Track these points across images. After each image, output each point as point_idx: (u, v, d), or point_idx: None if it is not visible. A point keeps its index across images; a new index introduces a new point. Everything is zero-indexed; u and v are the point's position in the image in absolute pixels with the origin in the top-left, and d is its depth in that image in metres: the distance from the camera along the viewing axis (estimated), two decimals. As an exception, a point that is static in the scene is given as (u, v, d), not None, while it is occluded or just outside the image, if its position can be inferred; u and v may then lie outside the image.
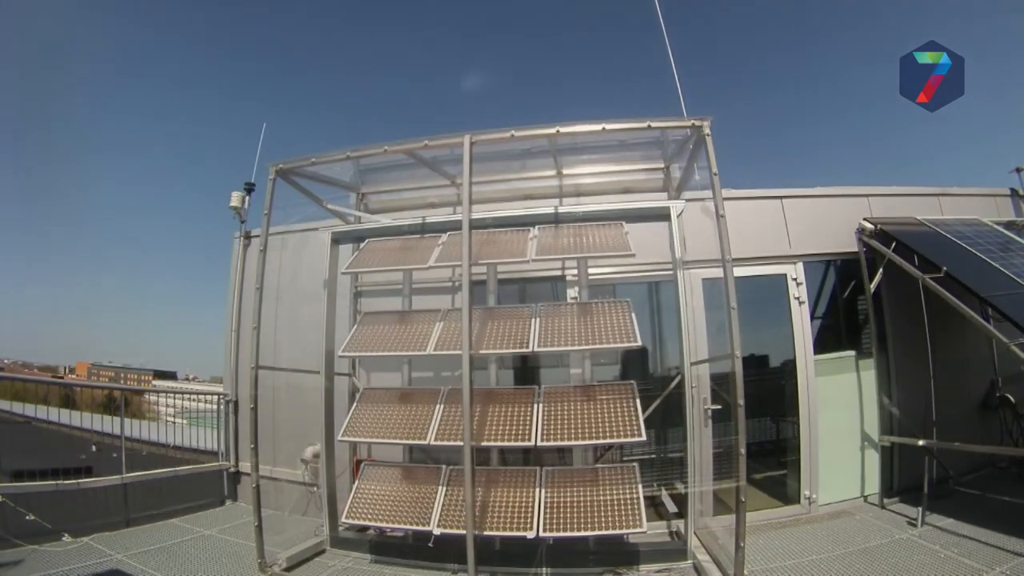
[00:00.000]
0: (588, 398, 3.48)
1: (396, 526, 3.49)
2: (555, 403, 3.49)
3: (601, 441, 3.26)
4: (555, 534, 3.17)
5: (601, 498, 3.28)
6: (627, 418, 3.27)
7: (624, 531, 3.14)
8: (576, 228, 3.89)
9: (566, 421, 3.36)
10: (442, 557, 3.43)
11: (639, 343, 3.29)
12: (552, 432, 3.30)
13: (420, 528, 3.36)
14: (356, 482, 3.83)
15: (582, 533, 3.16)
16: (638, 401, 3.33)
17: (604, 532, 3.15)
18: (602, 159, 4.49)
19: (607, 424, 3.27)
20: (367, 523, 3.59)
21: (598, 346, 3.38)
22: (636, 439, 3.16)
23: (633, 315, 3.47)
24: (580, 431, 3.28)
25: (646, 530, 3.11)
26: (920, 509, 3.75)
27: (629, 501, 3.22)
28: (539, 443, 3.24)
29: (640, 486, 3.28)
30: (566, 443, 3.31)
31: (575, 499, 3.31)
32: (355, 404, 3.96)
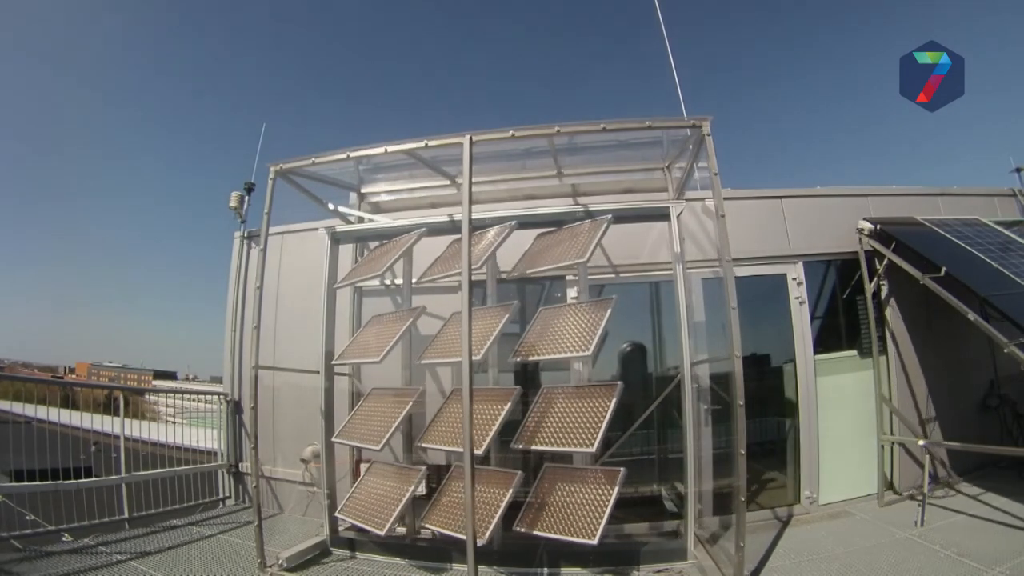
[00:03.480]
0: (569, 400, 3.34)
1: (372, 529, 3.44)
2: (536, 405, 3.45)
3: (550, 448, 3.17)
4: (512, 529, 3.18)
5: (570, 500, 3.17)
6: (589, 425, 3.05)
7: (574, 539, 2.98)
8: (559, 233, 3.85)
9: (532, 425, 3.32)
10: (442, 556, 3.44)
11: (589, 353, 3.11)
12: (520, 437, 3.29)
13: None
14: (357, 481, 3.85)
15: (532, 531, 3.15)
16: (613, 403, 3.07)
17: (551, 535, 3.07)
18: (602, 159, 4.48)
19: (567, 431, 3.14)
20: (355, 522, 3.58)
21: (547, 357, 3.34)
22: (584, 450, 3.01)
23: (606, 318, 3.19)
24: (538, 437, 3.22)
25: (596, 542, 2.88)
26: (920, 508, 3.75)
27: (594, 507, 3.04)
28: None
29: (616, 492, 3.01)
30: (521, 447, 3.27)
31: (546, 500, 3.26)
32: (360, 403, 3.98)
